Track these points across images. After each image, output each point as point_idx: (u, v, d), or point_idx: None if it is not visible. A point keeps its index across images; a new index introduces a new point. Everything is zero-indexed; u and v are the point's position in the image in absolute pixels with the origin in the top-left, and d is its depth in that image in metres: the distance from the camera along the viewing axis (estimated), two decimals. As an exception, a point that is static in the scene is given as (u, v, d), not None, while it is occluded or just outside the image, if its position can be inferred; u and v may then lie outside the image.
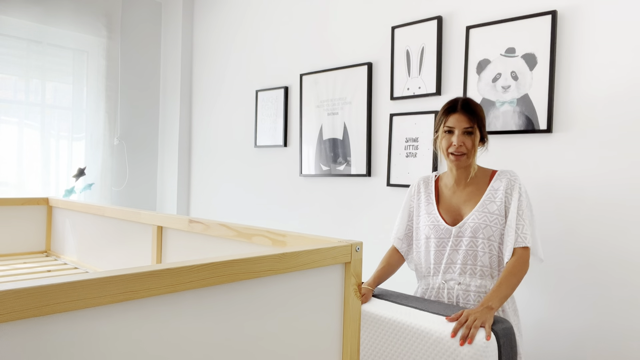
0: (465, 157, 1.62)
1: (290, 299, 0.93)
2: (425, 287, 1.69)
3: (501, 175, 1.64)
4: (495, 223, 1.58)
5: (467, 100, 1.65)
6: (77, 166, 3.44)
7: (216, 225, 1.45)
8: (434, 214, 1.68)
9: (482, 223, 1.58)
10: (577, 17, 1.93)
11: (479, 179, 1.67)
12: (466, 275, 1.59)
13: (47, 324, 0.63)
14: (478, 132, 1.63)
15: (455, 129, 1.62)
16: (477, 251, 1.58)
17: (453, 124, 1.62)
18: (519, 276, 1.51)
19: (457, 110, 1.62)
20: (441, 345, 1.31)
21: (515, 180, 1.61)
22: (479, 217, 1.59)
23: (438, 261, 1.65)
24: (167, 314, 0.75)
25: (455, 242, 1.61)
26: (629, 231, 1.79)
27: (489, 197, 1.61)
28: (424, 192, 1.76)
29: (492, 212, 1.58)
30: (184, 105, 3.86)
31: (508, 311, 1.60)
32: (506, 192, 1.59)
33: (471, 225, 1.59)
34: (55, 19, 3.38)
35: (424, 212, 1.72)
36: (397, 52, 2.49)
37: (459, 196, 1.67)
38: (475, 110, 1.63)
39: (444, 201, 1.70)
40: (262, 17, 3.30)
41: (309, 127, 2.93)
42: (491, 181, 1.64)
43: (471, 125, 1.61)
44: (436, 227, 1.65)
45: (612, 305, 1.82)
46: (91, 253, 2.12)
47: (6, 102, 3.21)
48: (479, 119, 1.63)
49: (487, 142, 1.68)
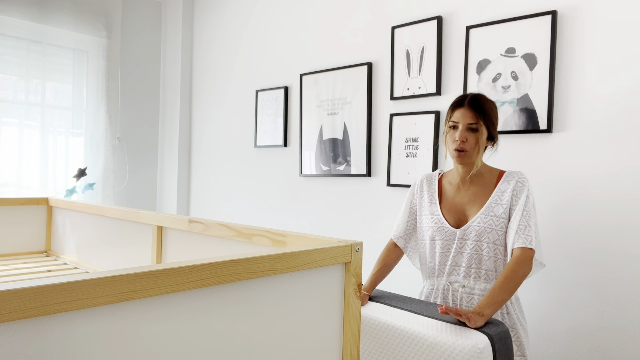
0: (468, 155, 1.56)
1: (290, 299, 0.93)
2: (430, 288, 1.67)
3: (509, 176, 1.58)
4: (501, 227, 1.53)
5: (477, 96, 1.58)
6: (77, 166, 3.44)
7: (216, 225, 1.45)
8: (437, 215, 1.63)
9: (487, 227, 1.53)
10: (577, 17, 1.93)
11: (485, 179, 1.61)
12: (470, 279, 1.57)
13: (47, 324, 0.63)
14: (485, 129, 1.55)
15: (459, 124, 1.56)
16: (481, 255, 1.55)
17: (457, 118, 1.57)
18: (516, 279, 1.44)
19: (463, 105, 1.57)
20: (436, 349, 1.30)
21: (524, 183, 1.55)
22: (485, 220, 1.54)
23: (443, 263, 1.62)
24: (167, 314, 0.75)
25: (460, 245, 1.58)
26: (629, 230, 1.79)
27: (495, 200, 1.55)
28: (427, 190, 1.71)
29: (498, 215, 1.54)
30: (184, 105, 3.86)
31: (513, 314, 1.57)
32: (513, 194, 1.54)
33: (476, 228, 1.55)
34: (55, 19, 3.38)
35: (427, 212, 1.68)
36: (397, 52, 2.49)
37: (464, 195, 1.63)
38: (482, 107, 1.55)
39: (446, 200, 1.66)
40: (262, 17, 3.30)
41: (309, 127, 2.93)
42: (498, 183, 1.58)
43: (475, 121, 1.54)
44: (440, 228, 1.61)
45: (611, 304, 1.82)
46: (91, 253, 2.12)
47: (6, 102, 3.21)
48: (485, 116, 1.55)
49: (497, 142, 1.61)
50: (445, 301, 1.62)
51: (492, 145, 1.62)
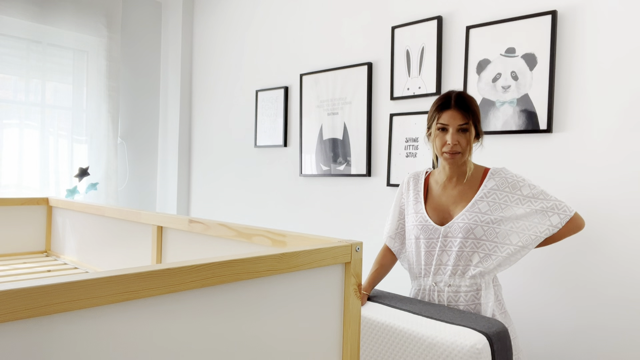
0: (460, 156, 1.55)
1: (290, 299, 0.93)
2: (417, 289, 1.66)
3: (494, 173, 1.58)
4: (487, 222, 1.52)
5: (461, 94, 1.56)
6: (78, 166, 3.44)
7: (216, 225, 1.45)
8: (422, 213, 1.62)
9: (472, 223, 1.52)
10: (577, 17, 1.93)
11: (471, 177, 1.61)
12: (456, 277, 1.55)
13: (47, 324, 0.63)
14: (473, 128, 1.54)
15: (449, 127, 1.54)
16: (467, 252, 1.53)
17: (447, 121, 1.54)
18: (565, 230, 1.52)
19: (451, 107, 1.54)
20: (434, 350, 1.30)
21: (513, 177, 1.55)
22: (470, 217, 1.53)
23: (428, 262, 1.60)
24: (167, 314, 0.75)
25: (444, 243, 1.56)
26: (628, 230, 1.79)
27: (481, 197, 1.55)
28: (413, 189, 1.70)
29: (484, 212, 1.53)
30: (184, 105, 3.86)
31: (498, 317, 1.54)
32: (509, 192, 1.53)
33: (460, 225, 1.53)
34: (55, 19, 3.38)
35: (412, 210, 1.66)
36: (397, 52, 2.49)
37: (449, 194, 1.62)
38: (470, 106, 1.54)
39: (432, 199, 1.65)
40: (262, 17, 3.30)
41: (309, 127, 2.93)
42: (484, 180, 1.58)
43: (466, 121, 1.53)
44: (424, 227, 1.60)
45: (610, 303, 1.82)
46: (91, 253, 2.12)
47: (6, 102, 3.21)
48: (474, 115, 1.54)
49: (482, 137, 1.60)
50: (431, 302, 1.59)
51: (477, 142, 1.61)
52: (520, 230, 1.52)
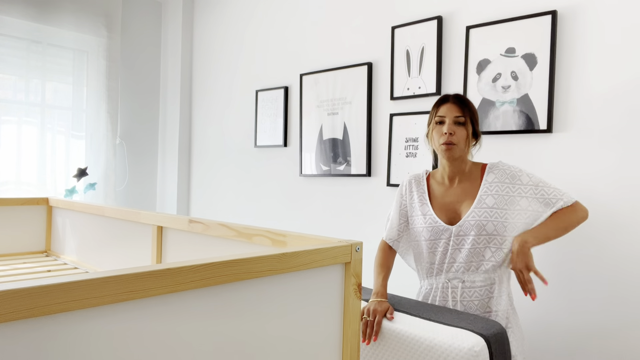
0: (457, 148, 1.58)
1: (290, 299, 0.93)
2: (429, 287, 1.66)
3: (493, 167, 1.61)
4: (496, 217, 1.54)
5: (459, 94, 1.65)
6: (77, 166, 3.43)
7: (216, 225, 1.45)
8: (430, 215, 1.64)
9: (483, 219, 1.54)
10: (577, 17, 1.93)
11: (471, 174, 1.64)
12: (469, 272, 1.57)
13: (47, 324, 0.63)
14: (470, 125, 1.60)
15: (446, 118, 1.59)
16: (480, 247, 1.55)
17: (444, 113, 1.60)
18: (566, 219, 1.51)
19: (448, 101, 1.62)
20: (432, 352, 1.29)
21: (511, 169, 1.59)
22: (480, 213, 1.55)
23: (441, 261, 1.62)
24: (167, 314, 0.75)
25: (457, 241, 1.58)
26: (628, 230, 1.79)
27: (485, 192, 1.57)
28: (416, 191, 1.71)
29: (491, 206, 1.55)
30: (184, 105, 3.86)
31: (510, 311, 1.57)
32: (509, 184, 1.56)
33: (472, 223, 1.55)
34: (56, 19, 3.38)
35: (418, 213, 1.67)
36: (397, 52, 2.49)
37: (453, 193, 1.64)
38: (466, 103, 1.61)
39: (436, 199, 1.67)
40: (262, 17, 3.30)
41: (309, 127, 2.93)
42: (484, 175, 1.61)
43: (462, 114, 1.58)
44: (434, 228, 1.62)
45: (610, 303, 1.82)
46: (91, 253, 2.12)
47: (6, 102, 3.21)
48: (471, 112, 1.60)
49: (480, 138, 1.64)
50: (445, 299, 1.61)
51: (476, 143, 1.65)
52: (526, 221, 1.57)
